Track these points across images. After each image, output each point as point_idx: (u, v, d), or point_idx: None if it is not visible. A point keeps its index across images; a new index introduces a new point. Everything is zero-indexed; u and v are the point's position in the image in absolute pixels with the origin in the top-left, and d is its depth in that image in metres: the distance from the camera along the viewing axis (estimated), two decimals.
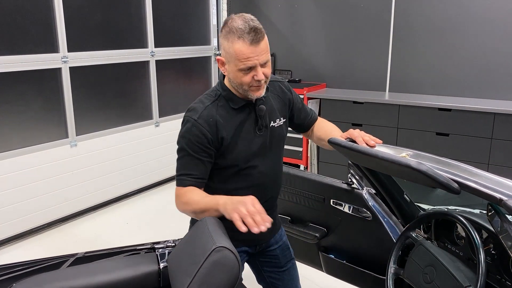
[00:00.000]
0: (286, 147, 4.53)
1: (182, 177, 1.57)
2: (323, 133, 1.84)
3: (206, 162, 1.57)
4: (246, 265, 1.91)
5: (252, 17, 1.50)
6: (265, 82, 1.55)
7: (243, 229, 1.29)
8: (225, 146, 1.57)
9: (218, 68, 1.61)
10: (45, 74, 3.58)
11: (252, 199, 1.36)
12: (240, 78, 1.51)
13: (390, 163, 1.46)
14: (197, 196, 1.53)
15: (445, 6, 4.15)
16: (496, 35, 3.96)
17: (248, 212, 1.31)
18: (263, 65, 1.50)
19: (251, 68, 1.49)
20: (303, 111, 1.87)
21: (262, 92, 1.56)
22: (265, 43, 1.49)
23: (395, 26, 4.45)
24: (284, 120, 1.77)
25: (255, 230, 1.27)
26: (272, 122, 1.69)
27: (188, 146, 1.55)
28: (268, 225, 1.30)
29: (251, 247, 1.80)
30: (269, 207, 1.77)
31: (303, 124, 1.88)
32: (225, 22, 1.51)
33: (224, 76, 1.62)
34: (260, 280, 1.96)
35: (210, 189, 1.62)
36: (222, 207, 1.39)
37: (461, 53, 4.15)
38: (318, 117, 1.93)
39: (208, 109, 1.56)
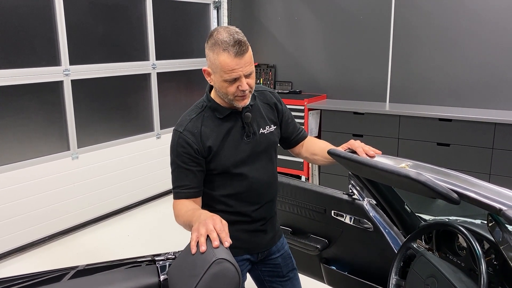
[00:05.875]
0: (287, 158, 4.58)
1: (176, 190, 1.64)
2: (318, 148, 1.85)
3: (197, 171, 1.63)
4: (248, 278, 1.90)
5: (237, 29, 1.56)
6: (250, 92, 1.60)
7: (193, 250, 1.28)
8: (213, 154, 1.63)
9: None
10: (47, 87, 3.60)
11: (214, 219, 1.34)
12: (226, 88, 1.56)
13: (389, 174, 1.46)
14: (184, 208, 1.57)
15: (444, 18, 4.18)
16: (496, 45, 3.98)
17: (207, 230, 1.30)
18: (247, 76, 1.56)
19: (236, 79, 1.54)
20: (292, 125, 1.89)
21: (246, 102, 1.62)
22: (249, 55, 1.54)
23: (394, 37, 4.48)
24: (275, 127, 1.79)
25: (202, 249, 1.25)
26: (261, 129, 1.73)
27: (178, 158, 1.63)
28: (227, 244, 1.29)
29: (253, 255, 1.80)
30: (267, 213, 1.79)
31: (290, 138, 1.89)
32: (211, 34, 1.56)
33: (211, 87, 1.69)
34: None
35: (206, 195, 1.69)
36: (195, 224, 1.39)
37: (461, 64, 4.17)
38: (309, 136, 1.95)
39: (193, 121, 1.64)
